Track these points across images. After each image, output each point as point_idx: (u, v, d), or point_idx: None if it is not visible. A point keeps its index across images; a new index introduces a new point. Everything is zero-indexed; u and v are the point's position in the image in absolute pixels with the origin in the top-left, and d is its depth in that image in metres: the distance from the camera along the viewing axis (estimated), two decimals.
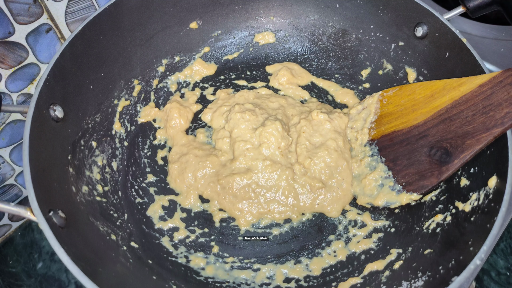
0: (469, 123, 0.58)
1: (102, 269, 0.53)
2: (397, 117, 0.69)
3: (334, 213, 0.69)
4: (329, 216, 0.69)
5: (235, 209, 0.69)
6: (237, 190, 0.69)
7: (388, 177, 0.67)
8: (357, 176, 0.71)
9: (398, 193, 0.66)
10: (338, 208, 0.69)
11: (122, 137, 0.75)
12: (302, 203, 0.69)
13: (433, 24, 0.70)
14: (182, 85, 0.84)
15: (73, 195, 0.59)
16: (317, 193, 0.69)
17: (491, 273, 0.80)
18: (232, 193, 0.69)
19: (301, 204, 0.69)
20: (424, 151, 0.64)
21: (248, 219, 0.69)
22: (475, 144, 0.57)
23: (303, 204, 0.69)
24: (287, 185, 0.69)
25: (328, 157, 0.70)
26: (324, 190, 0.69)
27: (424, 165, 0.63)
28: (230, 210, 0.69)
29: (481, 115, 0.57)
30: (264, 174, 0.70)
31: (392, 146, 0.68)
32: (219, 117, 0.78)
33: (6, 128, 0.72)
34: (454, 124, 0.60)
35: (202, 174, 0.71)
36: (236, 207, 0.69)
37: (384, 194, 0.67)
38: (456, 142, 0.60)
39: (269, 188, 0.69)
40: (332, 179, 0.70)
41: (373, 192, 0.68)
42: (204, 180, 0.71)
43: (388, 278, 0.60)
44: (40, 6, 0.66)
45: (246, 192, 0.69)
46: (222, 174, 0.70)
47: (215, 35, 0.86)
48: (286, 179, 0.69)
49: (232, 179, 0.69)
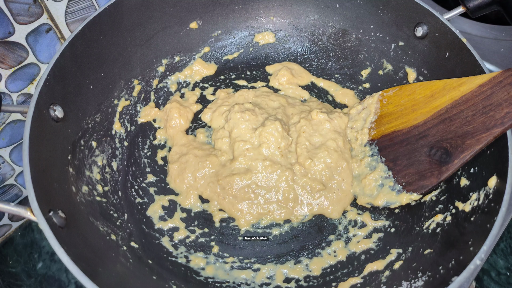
0: (469, 123, 0.58)
1: (102, 269, 0.53)
2: (397, 117, 0.69)
3: (335, 215, 0.69)
4: (329, 217, 0.69)
5: (234, 209, 0.69)
6: (237, 190, 0.69)
7: (388, 177, 0.67)
8: (357, 176, 0.70)
9: (398, 193, 0.66)
10: (338, 210, 0.69)
11: (122, 137, 0.75)
12: (302, 205, 0.69)
13: (433, 24, 0.70)
14: (182, 85, 0.84)
15: (73, 195, 0.59)
16: (317, 195, 0.69)
17: (491, 273, 0.80)
18: (232, 194, 0.69)
19: (301, 206, 0.69)
20: (424, 151, 0.64)
21: (248, 219, 0.69)
22: (475, 144, 0.57)
23: (303, 205, 0.69)
24: (287, 186, 0.69)
25: (328, 157, 0.70)
26: (324, 192, 0.69)
27: (424, 165, 0.63)
28: (229, 211, 0.69)
29: (481, 115, 0.57)
30: (264, 174, 0.70)
31: (392, 146, 0.68)
32: (219, 117, 0.78)
33: (6, 128, 0.72)
34: (454, 124, 0.60)
35: (202, 174, 0.71)
36: (236, 207, 0.69)
37: (384, 194, 0.67)
38: (456, 142, 0.60)
39: (269, 189, 0.69)
40: (332, 180, 0.70)
41: (373, 192, 0.68)
42: (203, 180, 0.71)
43: (388, 278, 0.60)
44: (40, 6, 0.66)
45: (246, 192, 0.69)
46: (222, 174, 0.70)
47: (215, 35, 0.86)
48: (286, 180, 0.69)
49: (232, 180, 0.69)
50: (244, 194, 0.69)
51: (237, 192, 0.69)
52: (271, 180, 0.70)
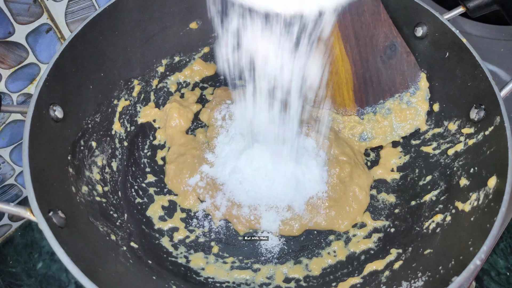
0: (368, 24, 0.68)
1: (102, 269, 0.53)
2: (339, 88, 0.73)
3: (343, 228, 0.67)
4: (337, 230, 0.68)
5: (230, 216, 0.68)
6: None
7: (390, 112, 0.72)
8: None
9: (409, 103, 0.71)
10: (348, 225, 0.67)
11: (122, 137, 0.75)
12: (307, 221, 0.67)
13: (433, 24, 0.70)
14: (182, 85, 0.84)
15: (73, 195, 0.59)
16: (326, 211, 0.67)
17: (491, 273, 0.80)
18: (229, 200, 0.68)
19: (305, 222, 0.67)
20: (379, 66, 0.71)
21: (245, 226, 0.67)
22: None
23: (308, 221, 0.67)
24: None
25: (342, 172, 0.69)
26: (335, 207, 0.67)
27: (390, 64, 0.71)
28: (227, 216, 0.68)
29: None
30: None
31: (367, 95, 0.73)
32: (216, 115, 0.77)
33: (6, 128, 0.72)
34: (363, 32, 0.68)
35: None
36: (231, 214, 0.67)
37: (402, 112, 0.72)
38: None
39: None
40: (348, 193, 0.68)
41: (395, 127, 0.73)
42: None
43: (388, 278, 0.60)
44: (40, 6, 0.66)
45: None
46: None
47: (215, 35, 0.86)
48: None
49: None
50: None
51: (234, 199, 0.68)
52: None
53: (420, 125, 0.72)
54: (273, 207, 0.67)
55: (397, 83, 0.72)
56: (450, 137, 0.69)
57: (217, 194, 0.69)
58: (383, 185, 0.72)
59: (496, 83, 0.61)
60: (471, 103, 0.65)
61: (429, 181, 0.69)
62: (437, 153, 0.70)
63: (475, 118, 0.64)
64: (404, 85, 0.72)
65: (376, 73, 0.71)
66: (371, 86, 0.72)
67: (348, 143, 0.74)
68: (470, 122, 0.65)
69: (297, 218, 0.67)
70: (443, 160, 0.68)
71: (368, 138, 0.73)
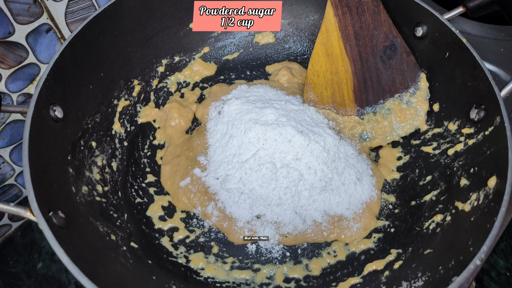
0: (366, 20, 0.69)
1: (102, 269, 0.53)
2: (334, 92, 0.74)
3: (349, 240, 0.66)
4: (343, 242, 0.67)
5: (221, 228, 0.66)
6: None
7: (389, 112, 0.72)
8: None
9: (409, 103, 0.71)
10: (357, 237, 0.66)
11: (122, 137, 0.75)
12: (311, 234, 0.65)
13: (433, 24, 0.70)
14: (182, 85, 0.84)
15: (73, 195, 0.59)
16: (333, 226, 0.66)
17: (491, 273, 0.80)
18: (221, 210, 0.67)
19: (308, 235, 0.65)
20: (379, 66, 0.71)
21: (239, 241, 0.66)
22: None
23: (312, 235, 0.65)
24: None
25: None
26: (343, 221, 0.66)
27: (389, 64, 0.71)
28: (218, 227, 0.67)
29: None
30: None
31: (367, 95, 0.73)
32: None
33: (6, 128, 0.72)
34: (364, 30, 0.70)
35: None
36: (223, 227, 0.66)
37: (402, 113, 0.72)
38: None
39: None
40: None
41: (394, 127, 0.73)
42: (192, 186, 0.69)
43: (388, 278, 0.60)
44: (40, 6, 0.66)
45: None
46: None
47: (215, 35, 0.86)
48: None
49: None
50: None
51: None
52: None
53: (420, 125, 0.72)
54: (272, 222, 0.66)
55: (397, 83, 0.72)
56: (450, 137, 0.69)
57: (208, 203, 0.67)
58: (383, 185, 0.72)
59: (496, 83, 0.61)
60: (471, 103, 0.65)
61: (429, 181, 0.69)
62: (437, 153, 0.70)
63: (475, 118, 0.64)
64: (404, 85, 0.72)
65: (376, 73, 0.71)
66: (371, 86, 0.72)
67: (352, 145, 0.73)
68: (470, 122, 0.65)
69: (299, 235, 0.65)
70: (443, 160, 0.68)
71: (368, 138, 0.73)
